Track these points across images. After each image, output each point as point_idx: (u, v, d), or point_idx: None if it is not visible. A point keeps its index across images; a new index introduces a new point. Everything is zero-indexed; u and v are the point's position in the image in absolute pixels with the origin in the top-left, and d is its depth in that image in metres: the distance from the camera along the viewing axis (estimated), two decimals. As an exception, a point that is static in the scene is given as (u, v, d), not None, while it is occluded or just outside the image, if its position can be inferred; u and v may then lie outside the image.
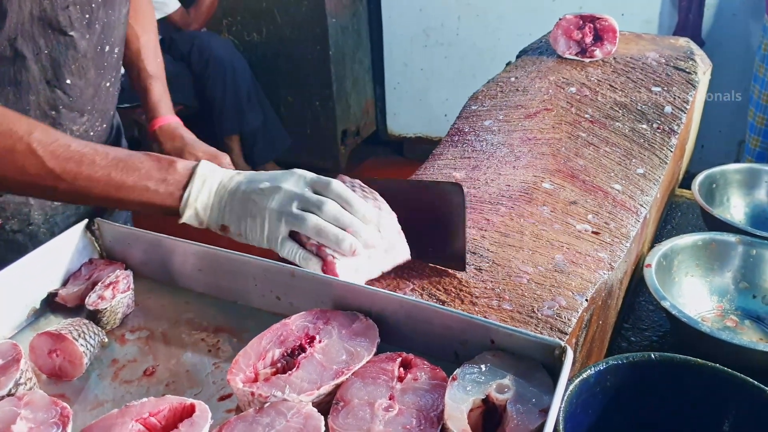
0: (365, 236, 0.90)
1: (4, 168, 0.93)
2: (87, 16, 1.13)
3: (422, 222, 0.96)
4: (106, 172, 0.94)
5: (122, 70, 1.32)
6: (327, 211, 0.89)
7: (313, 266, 0.89)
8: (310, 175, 0.94)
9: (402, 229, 0.95)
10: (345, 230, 0.89)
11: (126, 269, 0.98)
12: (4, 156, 0.92)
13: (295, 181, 0.93)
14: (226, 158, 1.32)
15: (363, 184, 0.98)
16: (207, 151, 1.35)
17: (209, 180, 0.95)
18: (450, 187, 0.96)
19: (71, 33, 1.11)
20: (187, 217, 0.95)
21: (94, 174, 0.94)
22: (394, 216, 0.95)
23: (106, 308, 0.90)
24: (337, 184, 0.92)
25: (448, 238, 0.96)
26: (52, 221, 1.21)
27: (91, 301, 0.91)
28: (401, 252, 0.94)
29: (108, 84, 1.23)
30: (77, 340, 0.83)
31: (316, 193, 0.92)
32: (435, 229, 0.97)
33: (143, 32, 1.44)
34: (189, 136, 1.39)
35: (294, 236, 0.91)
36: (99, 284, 0.94)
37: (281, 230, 0.90)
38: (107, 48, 1.19)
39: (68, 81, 1.13)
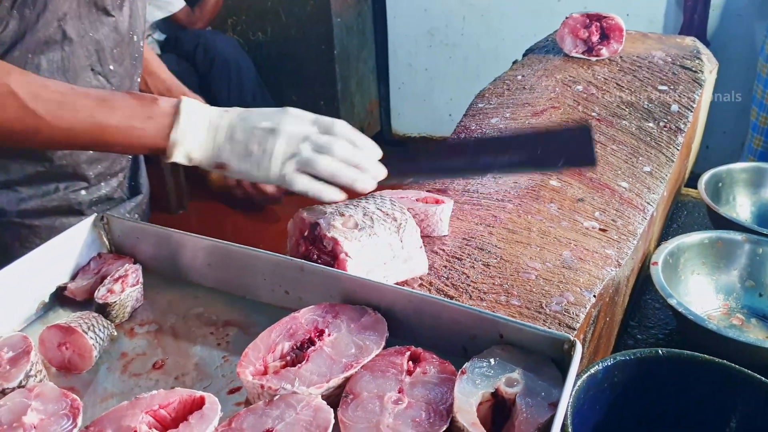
0: (374, 172, 0.93)
1: None
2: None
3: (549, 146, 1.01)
4: (89, 113, 0.92)
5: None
6: (338, 151, 0.91)
7: (333, 194, 0.92)
8: (309, 114, 0.94)
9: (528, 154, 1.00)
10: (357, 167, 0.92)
11: (135, 263, 0.98)
12: None
13: (297, 120, 0.93)
14: None
15: (394, 200, 0.97)
16: None
17: (197, 117, 0.93)
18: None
19: (113, 13, 1.12)
20: (177, 155, 0.93)
21: (77, 115, 0.92)
22: (417, 230, 0.95)
23: (115, 302, 0.90)
24: (341, 124, 0.94)
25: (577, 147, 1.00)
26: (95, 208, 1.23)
27: (101, 294, 0.91)
28: (420, 265, 0.94)
29: (138, 78, 1.25)
30: (87, 333, 0.83)
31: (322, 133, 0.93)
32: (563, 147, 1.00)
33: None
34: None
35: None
36: (108, 278, 0.94)
37: (289, 169, 0.91)
38: (135, 37, 1.20)
39: (111, 67, 1.14)
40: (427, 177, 1.15)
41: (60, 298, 0.96)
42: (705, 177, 1.39)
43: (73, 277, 0.98)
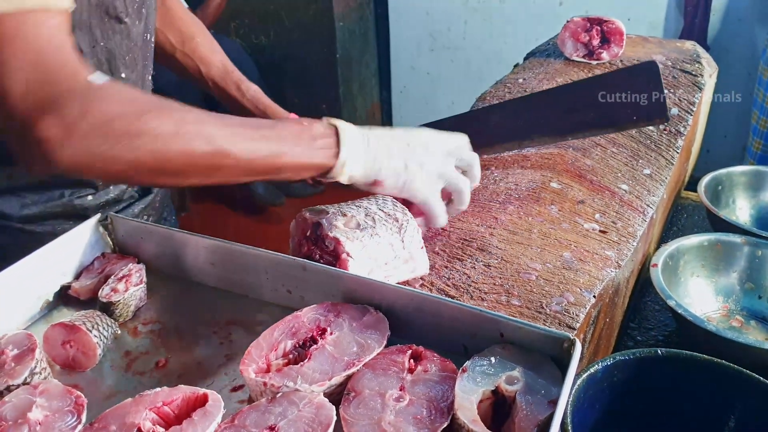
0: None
1: (172, 150, 0.82)
2: (138, 1, 1.11)
3: (618, 100, 1.07)
4: (266, 139, 0.89)
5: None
6: (476, 174, 1.03)
7: (443, 221, 1.01)
8: (435, 132, 1.02)
9: (602, 117, 1.06)
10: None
11: (138, 263, 0.99)
12: (171, 135, 0.82)
13: (437, 137, 1.00)
14: None
15: (396, 202, 0.98)
16: None
17: (356, 139, 0.94)
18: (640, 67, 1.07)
19: (126, 20, 1.08)
20: (343, 175, 0.93)
21: (256, 143, 0.87)
22: (419, 231, 0.95)
23: (119, 300, 0.91)
24: (468, 148, 1.03)
25: (647, 100, 1.05)
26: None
27: (104, 293, 0.92)
28: (421, 265, 0.95)
29: (149, 77, 1.23)
30: (91, 331, 0.84)
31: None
32: (632, 99, 1.06)
33: (216, 47, 1.41)
34: None
35: None
36: (112, 277, 0.95)
37: (437, 188, 0.99)
38: (148, 36, 1.18)
39: (123, 75, 1.12)
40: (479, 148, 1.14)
41: (64, 297, 0.97)
42: (705, 180, 1.40)
43: (77, 277, 0.99)
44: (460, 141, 1.02)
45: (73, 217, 1.17)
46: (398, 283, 0.90)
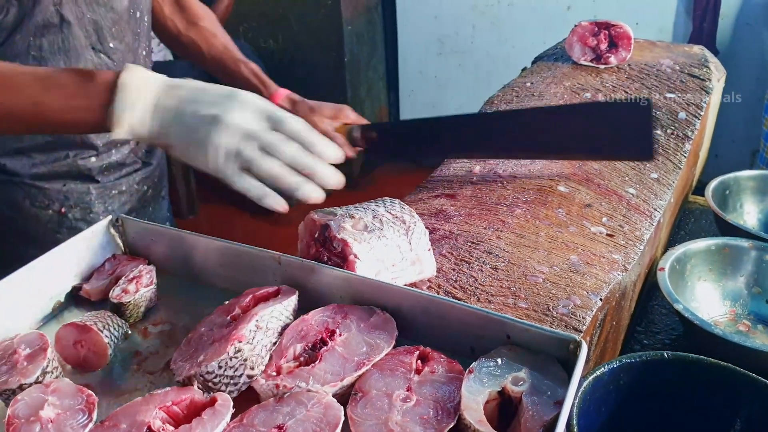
0: (326, 179, 0.87)
1: None
2: None
3: (605, 131, 1.04)
4: (30, 93, 0.90)
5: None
6: (285, 153, 0.85)
7: (272, 201, 0.87)
8: (263, 105, 0.88)
9: (585, 143, 1.02)
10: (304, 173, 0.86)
11: (149, 264, 1.00)
12: None
13: (247, 110, 0.86)
14: (349, 111, 1.30)
15: (403, 204, 0.98)
16: (333, 107, 1.32)
17: (142, 92, 0.87)
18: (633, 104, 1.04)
19: None
20: (119, 134, 0.88)
21: (14, 91, 0.90)
22: (426, 233, 0.96)
23: (129, 301, 0.92)
24: (294, 122, 0.87)
25: (633, 136, 1.02)
26: (110, 209, 1.27)
27: (115, 294, 0.93)
28: (428, 267, 0.95)
29: (144, 52, 1.29)
30: (102, 332, 0.85)
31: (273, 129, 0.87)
32: (620, 133, 1.03)
33: (216, 28, 1.48)
34: (309, 101, 1.38)
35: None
36: (123, 278, 0.96)
37: (231, 167, 0.86)
38: (137, 14, 1.24)
39: (111, 44, 1.18)
40: (452, 155, 1.11)
41: (75, 298, 0.98)
42: (712, 184, 1.40)
43: (88, 278, 1.00)
44: (258, 119, 0.87)
45: (78, 178, 1.24)
46: (405, 285, 0.91)
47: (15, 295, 0.90)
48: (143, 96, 0.87)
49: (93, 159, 1.24)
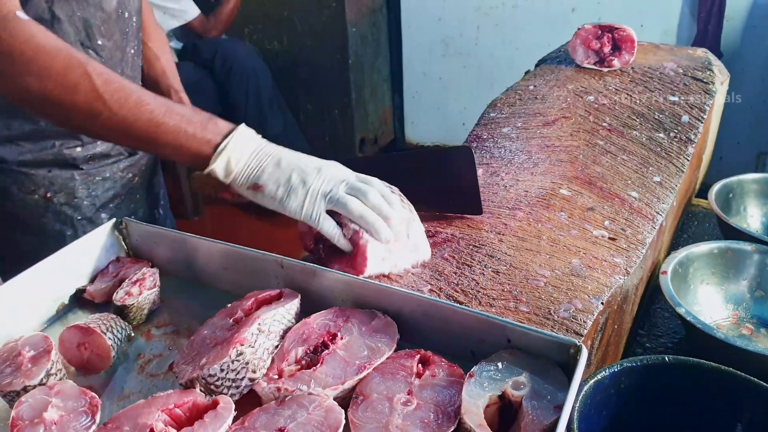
0: (398, 229, 0.96)
1: (55, 85, 0.97)
2: None
3: (437, 181, 1.07)
4: (150, 108, 0.97)
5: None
6: (371, 198, 0.95)
7: (344, 244, 0.95)
8: (348, 170, 1.00)
9: (419, 189, 1.04)
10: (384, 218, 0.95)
11: (152, 267, 1.01)
12: (59, 73, 0.96)
13: (340, 167, 0.99)
14: None
15: (399, 191, 1.03)
16: None
17: (250, 140, 0.98)
18: (459, 150, 1.07)
19: None
20: (217, 165, 0.97)
21: (139, 107, 0.97)
22: (422, 226, 1.02)
23: (132, 304, 0.93)
24: (378, 181, 0.99)
25: (462, 188, 1.05)
26: (94, 196, 1.30)
27: (119, 297, 0.94)
28: (424, 252, 1.01)
29: (132, 51, 1.32)
30: (105, 334, 0.86)
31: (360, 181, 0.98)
32: (450, 184, 1.06)
33: (162, 52, 1.50)
34: None
35: (332, 215, 0.96)
36: (126, 281, 0.97)
37: (321, 207, 0.95)
38: (126, 14, 1.27)
39: (99, 42, 1.21)
40: None
41: (79, 301, 0.99)
42: (716, 187, 1.40)
43: (92, 280, 1.01)
44: (350, 174, 1.00)
45: (63, 166, 1.27)
46: (406, 286, 0.92)
47: (19, 298, 0.90)
48: (249, 141, 0.98)
49: (78, 149, 1.27)
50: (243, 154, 0.97)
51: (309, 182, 0.95)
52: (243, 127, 0.99)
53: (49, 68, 0.96)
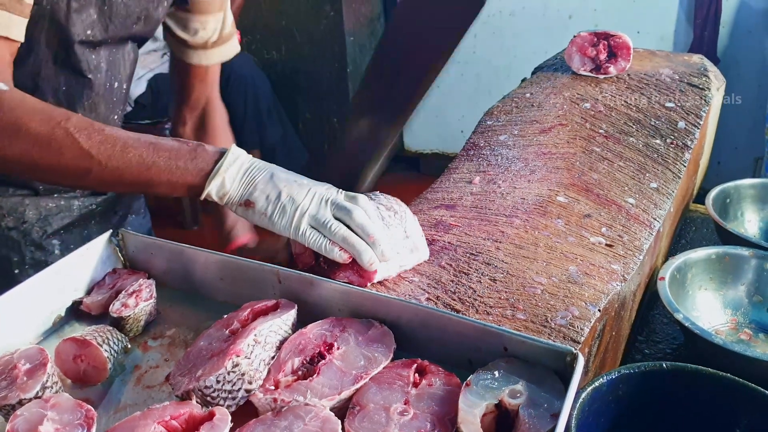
0: (385, 250, 0.94)
1: (41, 152, 0.96)
2: (101, 59, 1.20)
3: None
4: (138, 153, 0.97)
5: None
6: (355, 218, 0.94)
7: (337, 255, 0.94)
8: (340, 191, 1.00)
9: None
10: (368, 238, 0.94)
11: (149, 278, 1.01)
12: (43, 140, 0.95)
13: (329, 189, 0.98)
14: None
15: (387, 195, 1.04)
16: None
17: (241, 159, 0.98)
18: None
19: (89, 75, 1.18)
20: (211, 188, 0.97)
21: (127, 154, 0.97)
22: (415, 218, 1.02)
23: (129, 315, 0.93)
24: (365, 199, 0.98)
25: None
26: (46, 221, 1.26)
27: (115, 308, 0.94)
28: (423, 253, 1.01)
29: (116, 117, 1.30)
30: (102, 346, 0.86)
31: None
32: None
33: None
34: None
35: None
36: (123, 293, 0.96)
37: (305, 224, 0.94)
38: (116, 84, 1.26)
39: (80, 113, 1.17)
40: None
41: (75, 313, 0.99)
42: (713, 193, 1.40)
43: (89, 292, 1.01)
44: (336, 194, 0.99)
45: (19, 187, 1.25)
46: (399, 292, 0.92)
47: (15, 310, 0.90)
48: (241, 161, 0.98)
49: (29, 203, 1.25)
50: (237, 173, 0.97)
51: (298, 200, 0.95)
52: (234, 149, 0.99)
53: (31, 136, 0.95)
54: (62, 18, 1.10)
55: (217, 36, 1.43)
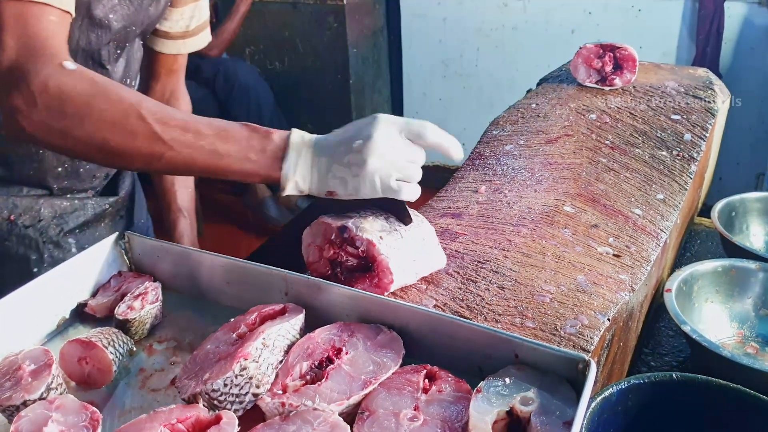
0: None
1: (115, 133, 0.93)
2: (118, 51, 1.21)
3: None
4: (210, 141, 0.95)
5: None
6: (429, 138, 0.95)
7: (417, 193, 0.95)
8: (400, 120, 0.96)
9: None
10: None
11: (154, 281, 1.00)
12: (116, 121, 0.93)
13: (387, 131, 0.94)
14: None
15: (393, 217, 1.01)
16: None
17: (304, 151, 0.95)
18: None
19: (108, 66, 1.19)
20: (290, 190, 0.95)
21: (198, 142, 0.94)
22: (432, 228, 1.01)
23: (134, 318, 0.92)
24: (431, 130, 0.97)
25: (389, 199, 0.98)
26: (62, 218, 1.27)
27: (121, 311, 0.93)
28: (440, 260, 1.00)
29: None
30: (107, 348, 0.85)
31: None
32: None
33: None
34: None
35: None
36: (128, 295, 0.96)
37: (388, 181, 0.92)
38: (128, 81, 1.27)
39: None
40: None
41: (80, 315, 0.98)
42: (718, 206, 1.40)
43: (94, 295, 1.00)
44: (411, 123, 0.97)
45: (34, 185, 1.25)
46: (407, 299, 0.91)
47: (20, 311, 0.89)
48: (303, 156, 0.95)
49: (43, 202, 1.25)
50: (303, 171, 0.95)
51: (368, 167, 0.91)
52: (294, 137, 0.96)
53: (104, 118, 0.93)
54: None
55: (192, 27, 1.42)
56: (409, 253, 0.95)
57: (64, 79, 0.92)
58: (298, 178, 0.94)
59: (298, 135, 0.96)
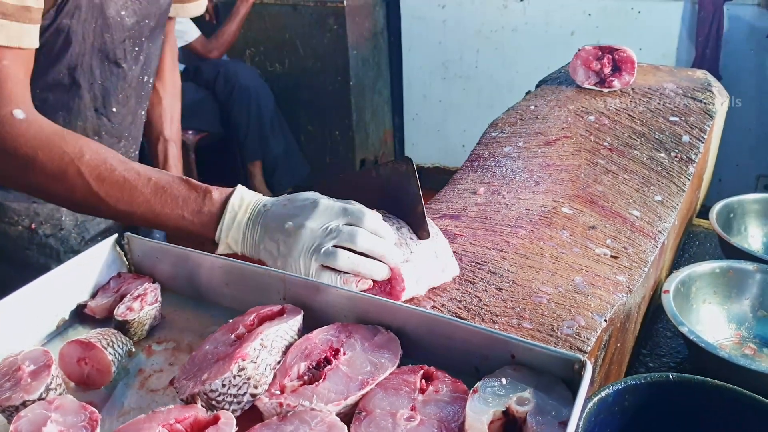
0: (395, 261, 0.93)
1: (55, 188, 0.99)
2: (137, 48, 1.22)
3: (383, 200, 1.02)
4: (146, 199, 0.99)
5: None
6: (360, 243, 0.92)
7: (357, 288, 0.93)
8: (340, 204, 0.95)
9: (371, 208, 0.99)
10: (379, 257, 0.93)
11: (154, 283, 1.00)
12: (56, 176, 0.98)
13: (322, 214, 0.94)
14: None
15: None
16: None
17: (240, 215, 0.98)
18: (399, 163, 1.00)
19: (123, 65, 1.20)
20: (222, 250, 0.99)
21: (135, 200, 0.99)
22: (447, 241, 1.01)
23: (134, 319, 0.92)
24: (368, 214, 0.94)
25: (408, 208, 1.00)
26: (83, 227, 1.28)
27: (120, 312, 0.93)
28: (453, 270, 1.01)
29: (143, 112, 1.32)
30: (106, 349, 0.85)
31: (348, 224, 0.94)
32: (397, 204, 1.01)
33: (167, 95, 1.51)
34: None
35: None
36: (127, 296, 0.96)
37: (314, 266, 0.93)
38: (145, 78, 1.27)
39: (114, 109, 1.21)
40: None
41: (80, 316, 0.98)
42: (716, 207, 1.40)
43: (94, 296, 1.00)
44: (335, 216, 0.95)
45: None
46: (408, 302, 0.91)
47: (19, 312, 0.90)
48: (238, 221, 0.98)
49: (64, 210, 1.27)
50: (238, 235, 0.98)
51: (295, 249, 0.93)
52: (233, 198, 0.98)
53: (46, 169, 0.98)
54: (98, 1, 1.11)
55: None
56: (420, 267, 0.96)
57: (11, 131, 0.97)
58: (230, 242, 0.98)
59: (238, 197, 0.99)
